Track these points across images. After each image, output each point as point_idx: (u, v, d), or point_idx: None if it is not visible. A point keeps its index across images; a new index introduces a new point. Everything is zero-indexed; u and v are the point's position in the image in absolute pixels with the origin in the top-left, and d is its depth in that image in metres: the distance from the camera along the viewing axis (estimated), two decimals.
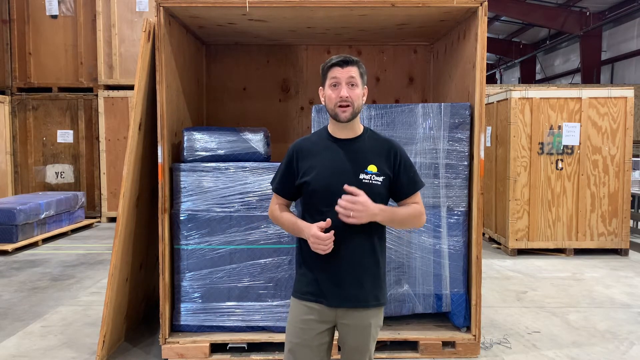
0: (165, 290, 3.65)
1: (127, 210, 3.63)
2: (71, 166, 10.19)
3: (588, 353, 3.87)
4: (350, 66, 2.16)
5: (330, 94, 2.18)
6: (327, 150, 2.22)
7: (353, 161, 2.18)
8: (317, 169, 2.19)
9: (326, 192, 2.15)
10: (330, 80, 2.18)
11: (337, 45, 5.16)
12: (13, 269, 6.39)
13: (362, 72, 2.21)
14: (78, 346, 3.99)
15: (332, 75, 2.17)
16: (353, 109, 2.16)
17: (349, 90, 2.15)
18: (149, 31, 3.61)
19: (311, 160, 2.22)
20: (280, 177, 2.32)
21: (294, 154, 2.28)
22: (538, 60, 23.77)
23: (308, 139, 2.33)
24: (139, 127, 3.69)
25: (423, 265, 3.81)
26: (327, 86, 2.20)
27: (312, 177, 2.19)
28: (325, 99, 2.22)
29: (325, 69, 2.21)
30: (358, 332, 2.22)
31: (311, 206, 2.23)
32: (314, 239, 2.10)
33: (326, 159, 2.20)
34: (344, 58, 2.17)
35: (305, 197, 2.26)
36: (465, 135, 3.76)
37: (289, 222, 2.27)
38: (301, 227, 2.19)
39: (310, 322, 2.21)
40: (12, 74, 10.13)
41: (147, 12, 9.82)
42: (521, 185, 6.91)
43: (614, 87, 9.12)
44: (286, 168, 2.30)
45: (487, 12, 3.58)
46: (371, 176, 2.17)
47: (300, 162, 2.25)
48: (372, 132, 2.30)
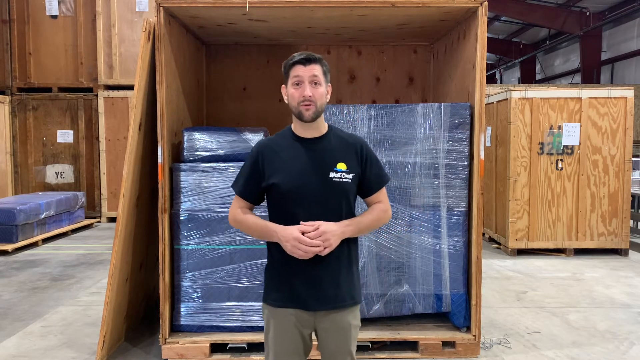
0: (165, 290, 3.65)
1: (127, 210, 3.63)
2: (71, 166, 10.19)
3: (588, 353, 3.87)
4: (313, 64, 2.10)
5: (293, 92, 2.11)
6: (293, 150, 2.16)
7: (322, 160, 2.14)
8: (285, 170, 2.12)
9: (296, 194, 2.10)
10: (293, 79, 2.11)
11: (337, 45, 5.16)
12: (13, 269, 6.39)
13: (326, 70, 2.15)
14: (78, 346, 3.99)
15: (294, 73, 2.10)
16: (316, 108, 2.11)
17: (312, 89, 2.09)
18: (149, 31, 3.61)
19: (277, 162, 2.15)
20: (244, 180, 2.21)
21: (258, 155, 2.18)
22: (538, 60, 23.77)
23: (272, 140, 2.24)
24: (139, 127, 3.69)
25: (423, 265, 3.81)
26: (289, 85, 2.13)
27: (280, 179, 2.11)
28: (288, 98, 2.15)
29: (287, 67, 2.14)
30: (338, 334, 2.19)
31: (280, 209, 2.15)
32: (295, 242, 2.02)
33: (294, 159, 2.14)
34: (307, 56, 2.11)
35: (273, 200, 2.18)
36: (465, 135, 3.76)
37: (255, 225, 2.15)
38: (274, 229, 2.09)
39: (289, 328, 2.16)
40: (12, 74, 10.14)
41: (147, 12, 9.82)
42: (521, 185, 6.91)
43: (614, 87, 9.12)
44: (251, 170, 2.19)
45: (487, 12, 3.58)
46: (341, 174, 2.13)
47: (265, 164, 2.16)
48: (336, 129, 2.26)
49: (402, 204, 3.78)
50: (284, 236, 2.05)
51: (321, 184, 2.11)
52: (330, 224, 2.06)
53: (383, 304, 3.81)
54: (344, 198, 2.15)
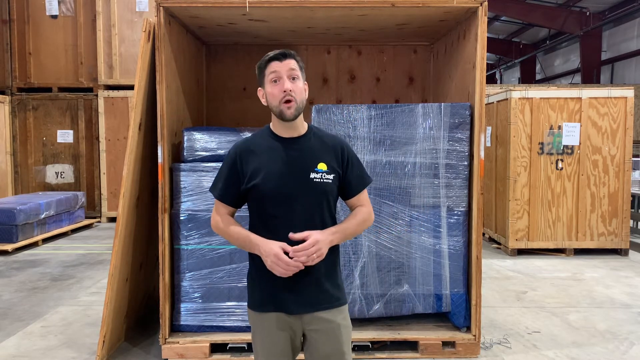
0: (165, 290, 3.65)
1: (127, 210, 3.63)
2: (71, 166, 10.19)
3: (588, 353, 3.87)
4: (289, 59, 2.05)
5: (271, 90, 2.05)
6: (273, 151, 2.10)
7: (302, 160, 2.09)
8: (265, 171, 2.07)
9: (278, 195, 2.06)
10: (270, 76, 2.05)
11: (337, 45, 5.16)
12: (13, 269, 6.39)
13: (301, 65, 2.10)
14: (78, 346, 3.99)
15: (270, 70, 2.05)
16: (297, 104, 2.05)
17: (292, 83, 2.04)
18: (149, 31, 3.61)
19: (257, 162, 2.09)
20: (223, 183, 2.14)
21: (237, 156, 2.11)
22: (538, 60, 23.78)
23: (250, 140, 2.16)
24: (139, 127, 3.69)
25: (423, 265, 3.81)
26: (267, 83, 2.07)
27: (261, 180, 2.06)
28: (268, 98, 2.08)
29: (263, 65, 2.08)
30: (328, 336, 2.13)
31: (261, 211, 2.10)
32: (275, 258, 1.97)
33: (274, 160, 2.08)
34: (282, 51, 2.06)
35: (254, 202, 2.12)
36: (465, 135, 3.76)
37: (238, 235, 2.09)
38: (256, 242, 2.04)
39: (275, 333, 2.12)
40: (12, 74, 10.14)
41: (147, 12, 9.82)
42: (521, 185, 6.91)
43: (614, 87, 9.12)
44: (229, 172, 2.12)
45: (487, 12, 3.58)
46: (322, 174, 2.09)
47: (245, 165, 2.10)
48: (317, 129, 2.22)
49: (402, 204, 3.78)
50: (265, 250, 2.00)
51: (302, 184, 2.06)
52: (319, 233, 2.02)
53: (383, 304, 3.81)
54: (324, 199, 2.11)
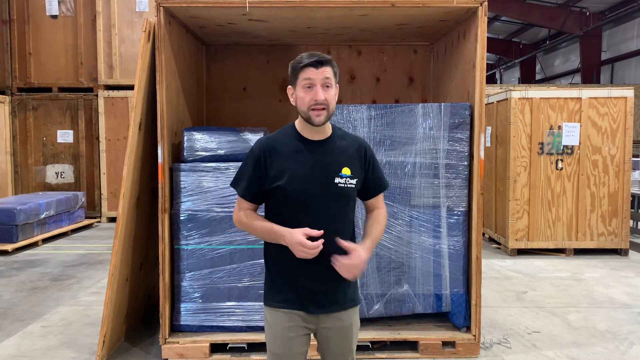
0: (165, 290, 3.65)
1: (127, 210, 3.63)
2: (71, 166, 10.19)
3: (588, 353, 3.87)
4: (325, 66, 2.03)
5: (303, 96, 2.04)
6: (298, 153, 2.08)
7: (327, 165, 2.09)
8: (290, 173, 2.05)
9: (301, 198, 2.06)
10: (304, 82, 2.03)
11: (337, 45, 5.16)
12: (13, 269, 6.39)
13: (336, 71, 2.09)
14: (78, 346, 3.99)
15: (305, 76, 2.03)
16: (328, 112, 2.05)
17: (325, 92, 2.03)
18: (149, 31, 3.61)
19: (282, 163, 2.07)
20: (248, 181, 2.12)
21: (261, 154, 2.09)
22: (538, 60, 23.78)
23: (275, 139, 2.13)
24: (139, 127, 3.69)
25: (423, 265, 3.81)
26: (299, 87, 2.05)
27: (285, 182, 2.05)
28: (297, 101, 2.07)
29: (298, 68, 2.05)
30: (341, 335, 2.18)
31: (284, 212, 2.09)
32: (299, 246, 1.98)
33: (299, 162, 2.07)
34: (319, 58, 2.03)
35: (275, 202, 2.12)
36: (465, 135, 3.76)
37: (262, 228, 2.09)
38: (281, 233, 2.03)
39: (293, 330, 2.13)
40: (12, 74, 10.14)
41: (147, 12, 9.82)
42: (521, 185, 6.91)
43: (614, 87, 9.12)
44: (254, 170, 2.10)
45: (487, 12, 3.58)
46: (346, 180, 2.10)
47: (269, 164, 2.07)
48: (340, 130, 2.22)
49: (402, 204, 3.78)
50: (290, 240, 2.00)
51: (326, 189, 2.07)
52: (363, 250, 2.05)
53: (383, 303, 3.81)
54: (347, 203, 2.14)
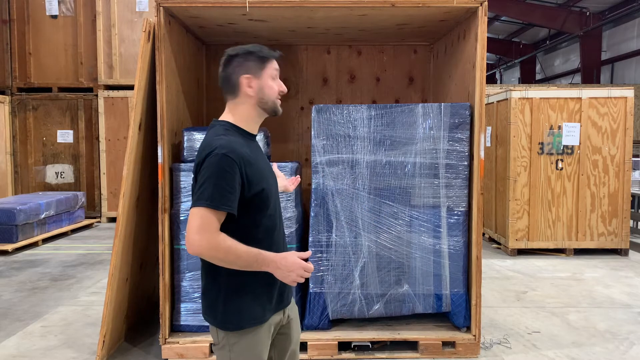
0: (165, 290, 3.65)
1: (127, 210, 3.63)
2: (71, 166, 10.19)
3: (588, 353, 3.87)
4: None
5: (272, 85, 2.02)
6: (256, 150, 2.05)
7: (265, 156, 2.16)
8: (264, 172, 2.01)
9: (273, 195, 2.04)
10: (273, 72, 2.03)
11: (337, 45, 5.16)
12: (13, 269, 6.39)
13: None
14: (78, 346, 3.99)
15: (274, 66, 2.04)
16: None
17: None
18: (149, 31, 3.61)
19: (255, 165, 1.96)
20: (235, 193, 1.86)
21: (239, 162, 1.87)
22: (538, 60, 23.78)
23: (237, 143, 1.93)
24: (139, 127, 3.69)
25: (423, 265, 3.81)
26: (266, 76, 2.01)
27: (266, 182, 1.99)
28: (265, 90, 2.00)
29: (265, 58, 2.01)
30: (297, 322, 2.20)
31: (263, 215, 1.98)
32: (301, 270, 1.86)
33: (261, 159, 2.04)
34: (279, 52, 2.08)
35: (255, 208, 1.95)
36: (465, 135, 3.76)
37: (248, 255, 1.84)
38: (271, 259, 1.85)
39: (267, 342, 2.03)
40: (12, 74, 10.13)
41: (147, 12, 9.81)
42: (521, 185, 6.91)
43: (614, 87, 9.12)
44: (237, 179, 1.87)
45: (487, 12, 3.58)
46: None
47: (248, 170, 1.91)
48: None
49: (402, 204, 3.78)
50: (286, 266, 1.86)
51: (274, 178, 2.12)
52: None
53: (383, 303, 3.81)
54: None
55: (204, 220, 1.81)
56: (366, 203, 3.77)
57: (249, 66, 1.99)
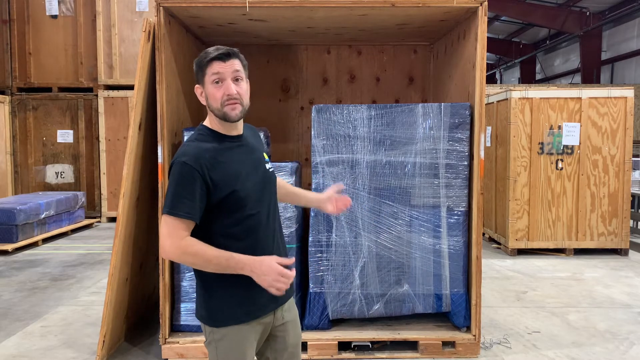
0: (165, 290, 3.65)
1: (127, 210, 3.63)
2: (71, 166, 10.19)
3: (588, 353, 3.87)
4: (233, 59, 1.94)
5: (214, 92, 1.92)
6: (231, 152, 1.98)
7: (256, 155, 2.07)
8: (237, 174, 1.95)
9: (254, 195, 1.98)
10: (212, 77, 1.92)
11: (337, 45, 5.16)
12: (13, 269, 6.39)
13: (245, 64, 2.01)
14: (78, 346, 3.99)
15: (213, 71, 1.92)
16: (243, 106, 1.96)
17: (236, 85, 1.94)
18: (149, 31, 3.61)
19: (225, 167, 1.92)
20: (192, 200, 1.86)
21: (199, 169, 1.87)
22: (538, 60, 23.78)
23: (201, 148, 1.93)
24: (139, 127, 3.69)
25: (423, 265, 3.81)
26: (207, 83, 1.94)
27: (239, 184, 1.93)
28: (208, 98, 1.95)
29: (204, 63, 1.94)
30: (293, 325, 2.16)
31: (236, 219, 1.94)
32: (278, 276, 1.84)
33: (237, 160, 1.98)
34: (225, 50, 1.94)
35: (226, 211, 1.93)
36: (465, 135, 3.76)
37: (219, 258, 1.84)
38: (245, 262, 1.85)
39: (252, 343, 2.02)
40: (12, 74, 10.13)
41: (147, 12, 9.82)
42: (521, 185, 6.91)
43: (614, 87, 9.12)
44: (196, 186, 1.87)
45: (487, 12, 3.58)
46: (269, 163, 2.13)
47: (212, 174, 1.89)
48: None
49: (402, 203, 3.78)
50: (261, 270, 1.84)
51: (263, 179, 2.05)
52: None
53: (383, 303, 3.81)
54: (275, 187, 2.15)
55: (169, 226, 1.86)
56: (366, 203, 3.77)
57: (197, 75, 1.99)
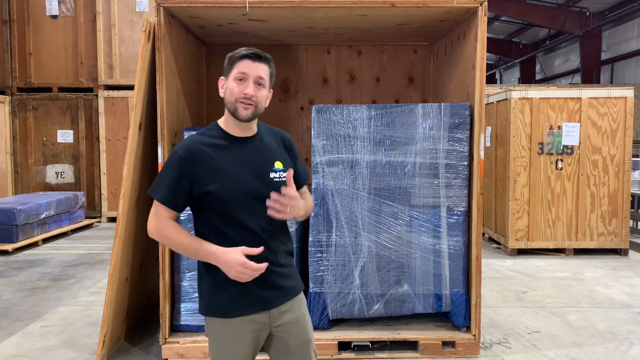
0: (165, 290, 3.66)
1: (127, 210, 3.63)
2: (71, 166, 10.19)
3: (588, 353, 3.87)
4: (262, 63, 1.99)
5: (233, 87, 1.98)
6: (229, 153, 2.01)
7: (260, 161, 2.04)
8: (223, 174, 1.97)
9: (240, 199, 1.97)
10: (237, 74, 1.97)
11: (337, 45, 5.16)
12: (13, 269, 6.39)
13: (272, 72, 2.05)
14: (78, 346, 3.99)
15: (240, 69, 1.97)
16: (256, 110, 2.00)
17: (256, 89, 1.98)
18: (149, 31, 3.61)
19: (213, 165, 1.97)
20: (170, 186, 1.96)
21: (187, 158, 1.96)
22: (538, 60, 23.78)
23: (199, 141, 2.02)
24: (139, 127, 3.69)
25: (423, 265, 3.82)
26: (231, 78, 1.99)
27: (220, 185, 1.95)
28: (226, 92, 2.01)
29: (234, 59, 1.99)
30: (297, 326, 2.11)
31: (219, 217, 1.98)
32: (241, 267, 1.89)
33: (232, 162, 1.99)
34: (257, 52, 1.98)
35: (209, 208, 1.99)
36: (465, 135, 3.76)
37: (190, 245, 1.96)
38: (213, 252, 1.92)
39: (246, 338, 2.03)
40: (12, 74, 10.14)
41: (147, 12, 9.82)
42: (521, 185, 6.92)
43: (614, 87, 9.12)
44: (178, 174, 1.96)
45: (487, 12, 3.58)
46: (280, 173, 2.06)
47: (198, 168, 1.95)
48: (263, 125, 2.16)
49: (402, 204, 3.78)
50: (226, 261, 1.91)
51: (263, 185, 2.01)
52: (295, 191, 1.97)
53: (383, 303, 3.81)
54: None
55: (154, 207, 2.01)
56: (366, 203, 3.77)
57: (225, 69, 2.05)
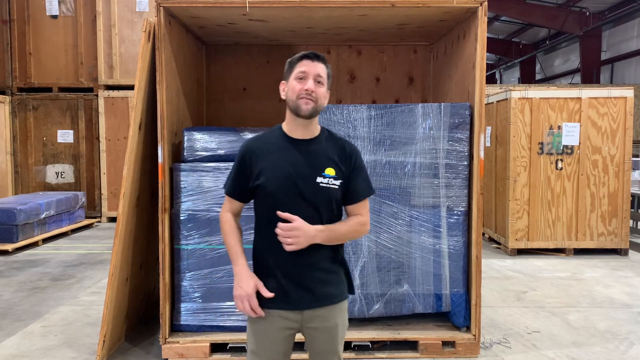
0: (165, 290, 3.66)
1: (127, 210, 3.63)
2: (71, 166, 10.19)
3: (588, 353, 3.87)
4: (320, 62, 2.09)
5: (295, 85, 2.07)
6: (282, 152, 2.11)
7: (311, 164, 2.09)
8: (271, 171, 2.08)
9: (281, 196, 2.06)
10: (298, 74, 2.07)
11: (337, 45, 5.16)
12: (13, 269, 6.39)
13: (329, 73, 2.14)
14: (78, 346, 3.99)
15: (300, 68, 2.07)
16: (316, 105, 2.07)
17: (315, 86, 2.07)
18: (149, 31, 3.61)
19: (265, 162, 2.10)
20: (233, 180, 2.19)
21: (246, 154, 2.14)
22: (538, 60, 23.78)
23: (260, 139, 2.18)
24: (139, 127, 3.69)
25: (423, 265, 3.82)
26: (292, 79, 2.09)
27: (266, 180, 2.08)
28: (288, 91, 2.10)
29: (294, 61, 2.10)
30: (325, 334, 2.16)
31: (265, 209, 2.12)
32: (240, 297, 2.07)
33: (282, 160, 2.09)
34: (316, 53, 2.10)
35: (259, 201, 2.15)
36: (465, 135, 3.76)
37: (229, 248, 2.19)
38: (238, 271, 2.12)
39: (276, 331, 2.12)
40: (12, 74, 10.14)
41: (147, 12, 9.82)
42: (521, 185, 6.92)
43: (614, 87, 9.12)
44: (239, 169, 2.16)
45: (487, 12, 3.58)
46: (329, 180, 2.08)
47: (254, 163, 2.11)
48: (329, 132, 2.21)
49: (402, 204, 3.78)
50: (239, 282, 2.09)
51: (307, 187, 2.06)
52: (306, 224, 2.03)
53: (383, 303, 3.81)
54: (329, 204, 2.11)
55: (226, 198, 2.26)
56: None
57: (285, 73, 2.16)
